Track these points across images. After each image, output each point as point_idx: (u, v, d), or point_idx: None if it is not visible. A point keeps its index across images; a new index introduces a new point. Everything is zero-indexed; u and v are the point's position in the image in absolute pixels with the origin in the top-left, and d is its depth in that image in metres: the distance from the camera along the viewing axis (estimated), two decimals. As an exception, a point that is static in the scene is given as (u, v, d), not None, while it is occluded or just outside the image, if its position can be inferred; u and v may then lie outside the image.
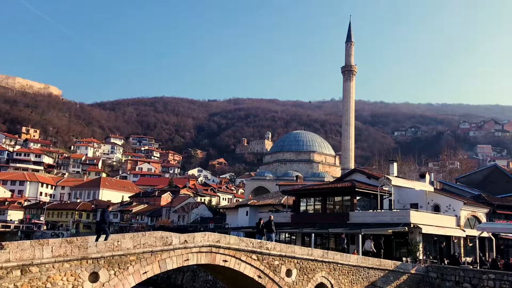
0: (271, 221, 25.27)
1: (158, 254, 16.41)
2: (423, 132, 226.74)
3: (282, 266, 19.42)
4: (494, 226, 31.82)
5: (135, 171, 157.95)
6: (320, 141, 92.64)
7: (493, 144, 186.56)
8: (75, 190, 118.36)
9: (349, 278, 21.56)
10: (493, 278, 21.68)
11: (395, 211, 33.91)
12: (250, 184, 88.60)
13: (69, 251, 14.42)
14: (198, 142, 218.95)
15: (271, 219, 25.59)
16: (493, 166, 51.14)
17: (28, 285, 13.54)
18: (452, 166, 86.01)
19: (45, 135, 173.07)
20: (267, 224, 25.02)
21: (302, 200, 40.71)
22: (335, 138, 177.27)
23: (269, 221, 25.23)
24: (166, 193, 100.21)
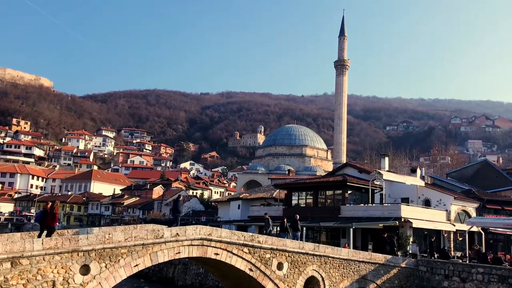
0: (297, 220, 26.10)
1: (150, 247, 16.39)
2: (415, 127, 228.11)
3: (273, 259, 19.48)
4: (483, 220, 32.12)
5: (126, 164, 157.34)
6: (313, 135, 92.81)
7: (483, 139, 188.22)
8: (66, 182, 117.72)
9: (340, 271, 21.69)
10: (482, 272, 21.92)
11: (386, 205, 34.10)
12: (242, 178, 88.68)
13: (60, 243, 14.35)
14: (190, 135, 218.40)
15: (297, 218, 26.27)
16: (484, 161, 51.60)
17: (18, 277, 13.48)
18: (443, 161, 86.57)
19: (36, 127, 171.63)
20: (293, 223, 25.90)
21: (294, 194, 40.81)
22: (327, 133, 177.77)
23: (295, 220, 26.06)
24: (158, 186, 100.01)
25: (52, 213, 16.70)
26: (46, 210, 17.09)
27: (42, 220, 16.93)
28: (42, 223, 17.00)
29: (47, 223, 16.70)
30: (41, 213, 17.39)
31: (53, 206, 16.97)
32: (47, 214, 16.81)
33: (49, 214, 16.73)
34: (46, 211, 16.97)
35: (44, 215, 17.00)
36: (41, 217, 17.09)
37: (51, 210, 16.80)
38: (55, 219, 16.81)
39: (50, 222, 16.68)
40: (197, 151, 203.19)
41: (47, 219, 16.71)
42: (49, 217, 16.69)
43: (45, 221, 16.73)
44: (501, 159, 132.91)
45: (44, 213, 17.07)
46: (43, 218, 16.88)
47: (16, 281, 13.42)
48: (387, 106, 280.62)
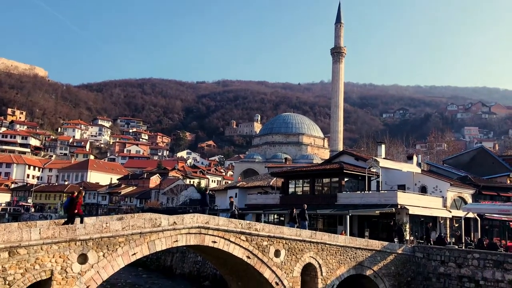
0: (304, 210, 26.47)
1: (147, 236, 16.43)
2: (411, 114, 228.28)
3: (270, 246, 19.57)
4: (479, 206, 32.32)
5: (123, 153, 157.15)
6: (309, 124, 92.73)
7: (480, 126, 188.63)
8: (63, 172, 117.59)
9: (336, 258, 21.82)
10: (478, 258, 22.10)
11: (382, 193, 34.23)
12: (239, 166, 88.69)
13: (57, 233, 14.36)
14: (187, 124, 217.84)
15: (304, 208, 26.63)
16: (480, 148, 51.76)
17: (16, 266, 13.50)
18: (440, 148, 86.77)
19: (32, 117, 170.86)
20: (301, 212, 26.23)
21: (290, 182, 40.91)
22: (324, 121, 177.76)
23: (303, 210, 26.41)
24: (155, 175, 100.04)
25: (77, 202, 17.20)
26: (73, 198, 17.53)
27: (69, 209, 17.44)
28: (69, 211, 17.50)
29: (74, 211, 17.24)
30: (68, 201, 17.84)
31: (78, 195, 17.44)
32: (73, 203, 17.28)
33: (76, 202, 17.21)
34: (73, 200, 17.41)
35: (70, 203, 17.46)
36: (68, 206, 17.59)
37: (77, 199, 17.25)
38: (79, 207, 17.36)
39: (76, 210, 17.24)
40: (193, 140, 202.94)
41: (73, 207, 17.23)
42: (76, 205, 17.22)
43: (72, 209, 17.26)
44: (497, 145, 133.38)
45: (70, 202, 17.52)
46: (70, 206, 17.38)
47: (14, 270, 13.45)
48: (383, 93, 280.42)
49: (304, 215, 26.25)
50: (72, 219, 17.08)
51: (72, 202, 17.41)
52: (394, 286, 23.78)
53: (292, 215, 26.10)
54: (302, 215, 26.22)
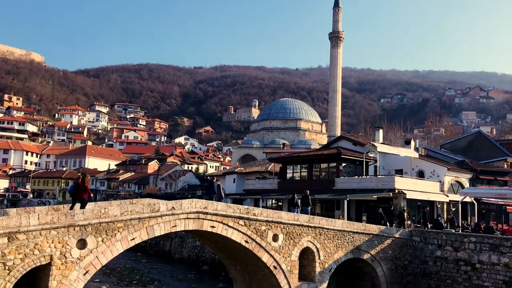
0: (307, 195, 26.50)
1: (146, 221, 16.49)
2: (409, 99, 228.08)
3: (268, 231, 19.68)
4: (476, 191, 32.48)
5: (121, 139, 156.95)
6: (307, 109, 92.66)
7: (477, 110, 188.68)
8: (61, 158, 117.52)
9: (334, 242, 21.97)
10: (474, 241, 22.29)
11: (380, 177, 34.36)
12: (237, 152, 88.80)
13: (56, 218, 14.39)
14: (185, 110, 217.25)
15: (307, 194, 26.66)
16: (477, 132, 51.82)
17: (16, 252, 13.56)
18: (437, 132, 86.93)
19: (29, 103, 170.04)
20: (304, 198, 26.27)
21: (288, 167, 41.01)
22: (321, 106, 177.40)
23: (305, 195, 26.44)
24: (153, 161, 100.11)
25: (84, 186, 17.20)
26: (78, 183, 17.52)
27: (74, 193, 17.45)
28: (74, 196, 17.54)
29: (79, 195, 17.28)
30: (73, 186, 17.81)
31: (83, 180, 17.44)
32: (79, 187, 17.30)
33: (81, 187, 17.23)
34: (78, 185, 17.41)
35: (76, 188, 17.45)
36: (73, 190, 17.58)
37: (82, 184, 17.27)
38: (86, 191, 17.31)
39: (82, 194, 17.25)
40: (191, 125, 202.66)
41: (79, 192, 17.24)
42: (81, 190, 17.21)
43: (77, 194, 17.30)
44: (495, 130, 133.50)
45: (76, 186, 17.51)
46: (75, 191, 17.38)
47: (14, 255, 13.51)
48: (381, 78, 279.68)
49: (307, 200, 26.38)
50: (82, 203, 17.22)
51: (77, 187, 17.44)
52: (391, 270, 24.01)
53: (293, 200, 26.23)
54: (305, 201, 26.32)
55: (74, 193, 17.47)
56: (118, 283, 29.26)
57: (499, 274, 20.85)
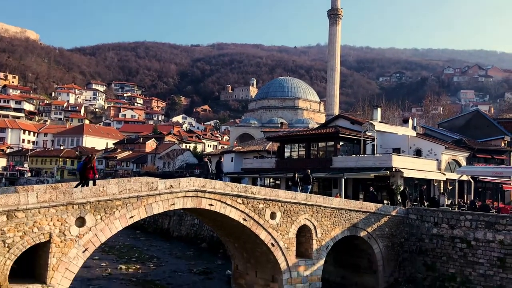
0: (308, 174, 26.65)
1: (144, 199, 16.56)
2: (408, 78, 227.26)
3: (266, 209, 19.81)
4: (473, 169, 32.65)
5: (118, 118, 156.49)
6: (305, 88, 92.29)
7: (476, 89, 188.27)
8: (58, 137, 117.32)
9: (331, 220, 22.15)
10: (470, 219, 22.49)
11: (377, 156, 34.45)
12: (235, 131, 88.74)
13: (54, 196, 14.43)
14: (182, 89, 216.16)
15: (308, 172, 26.78)
16: (475, 111, 51.82)
17: (15, 229, 13.63)
18: (435, 111, 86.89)
19: (25, 81, 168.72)
20: (304, 176, 26.47)
21: (286, 146, 41.05)
22: (320, 84, 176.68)
23: (306, 174, 26.61)
24: (151, 139, 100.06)
25: (91, 166, 17.43)
26: (86, 162, 17.77)
27: (82, 172, 17.73)
28: (81, 175, 17.82)
29: (86, 175, 17.52)
30: (81, 164, 18.10)
31: (90, 159, 17.65)
32: (86, 166, 17.54)
33: (88, 166, 17.46)
34: (86, 163, 17.65)
35: (84, 167, 17.69)
36: (81, 168, 17.86)
37: (89, 163, 17.48)
38: (93, 170, 17.59)
39: (88, 173, 17.50)
40: (188, 104, 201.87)
41: (87, 170, 17.49)
42: (88, 169, 17.46)
43: (85, 173, 17.54)
44: (493, 109, 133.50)
45: (84, 165, 17.75)
46: (83, 170, 17.64)
47: (13, 233, 13.59)
48: (380, 56, 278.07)
49: (308, 179, 26.57)
50: (87, 181, 17.46)
51: (85, 166, 17.67)
52: (388, 247, 24.27)
53: (294, 179, 26.45)
54: (306, 179, 26.51)
55: (82, 171, 17.75)
56: (117, 261, 29.56)
57: (494, 251, 21.11)
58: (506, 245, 20.71)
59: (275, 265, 20.28)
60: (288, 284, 20.38)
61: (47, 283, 14.27)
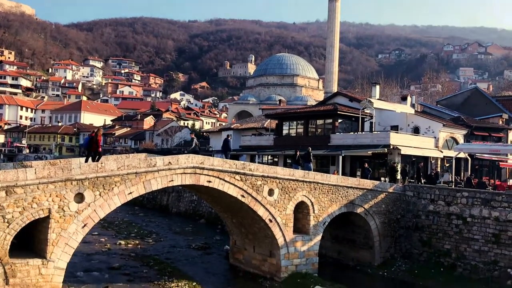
0: (309, 152, 27.07)
1: (143, 175, 16.63)
2: (407, 55, 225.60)
3: (264, 186, 19.94)
4: (470, 147, 32.75)
5: (116, 94, 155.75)
6: (304, 65, 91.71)
7: (475, 67, 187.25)
8: (56, 113, 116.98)
9: (328, 196, 22.32)
10: (466, 196, 22.68)
11: (375, 133, 34.49)
12: (233, 108, 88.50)
13: (53, 172, 14.50)
14: (180, 65, 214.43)
15: (309, 151, 27.20)
16: (474, 88, 51.67)
17: (14, 205, 13.73)
18: (434, 89, 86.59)
19: (21, 57, 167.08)
20: (305, 155, 26.93)
21: (284, 123, 41.01)
22: (319, 61, 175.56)
23: (307, 152, 27.02)
24: (149, 116, 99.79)
25: (96, 140, 17.95)
26: (92, 137, 18.30)
27: (89, 146, 18.27)
28: (88, 149, 18.36)
29: (93, 149, 18.08)
30: (88, 139, 18.62)
31: (96, 134, 18.19)
32: (92, 141, 18.08)
33: (94, 141, 18.00)
34: (92, 138, 18.20)
35: (90, 141, 18.25)
36: (87, 144, 18.42)
37: (95, 137, 18.00)
38: (99, 145, 18.13)
39: (95, 147, 18.04)
40: (186, 81, 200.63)
41: (93, 145, 18.01)
42: (94, 143, 17.99)
43: (91, 147, 18.10)
44: (491, 86, 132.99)
45: (90, 140, 18.29)
46: (90, 144, 18.19)
47: (13, 209, 13.70)
48: (379, 33, 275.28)
49: (309, 157, 26.85)
50: (94, 156, 17.97)
51: (91, 141, 18.14)
52: (384, 223, 24.54)
53: (295, 157, 26.73)
54: (307, 157, 26.79)
55: (88, 146, 18.19)
56: (116, 236, 29.83)
57: (489, 228, 21.37)
58: (501, 221, 20.95)
59: (273, 240, 20.52)
60: (286, 259, 20.67)
61: (47, 258, 14.46)
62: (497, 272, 20.41)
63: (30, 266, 14.10)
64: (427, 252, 23.39)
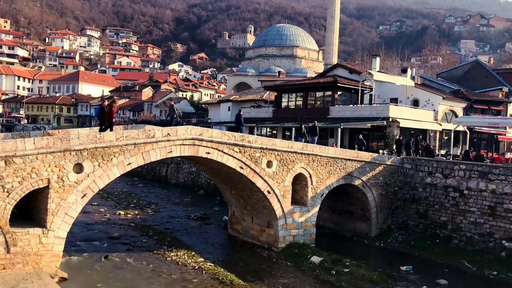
0: (315, 126, 27.44)
1: (142, 146, 16.63)
2: (408, 27, 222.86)
3: (263, 158, 19.98)
4: (469, 120, 32.74)
5: (113, 65, 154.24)
6: (304, 36, 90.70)
7: (477, 39, 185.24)
8: (54, 84, 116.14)
9: (327, 168, 22.41)
10: (464, 169, 22.80)
11: (374, 106, 34.44)
12: (232, 80, 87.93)
13: (52, 143, 14.49)
14: (178, 36, 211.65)
15: (315, 124, 27.53)
16: (474, 61, 51.22)
17: (14, 175, 13.78)
18: (435, 61, 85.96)
19: (17, 26, 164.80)
20: (311, 128, 27.22)
21: (283, 95, 40.87)
22: (319, 33, 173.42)
23: (313, 125, 27.36)
24: (147, 87, 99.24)
25: (110, 111, 18.07)
26: (103, 107, 18.36)
27: (101, 116, 18.35)
28: (101, 119, 18.44)
29: (106, 119, 18.18)
30: (99, 109, 18.70)
31: (111, 104, 18.31)
32: (104, 111, 18.14)
33: (107, 111, 18.07)
34: (103, 108, 18.26)
35: (101, 111, 18.31)
36: (99, 114, 18.52)
37: (110, 108, 18.09)
38: (112, 116, 18.28)
39: (108, 118, 18.16)
40: (185, 52, 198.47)
41: (106, 115, 18.11)
42: (107, 114, 18.07)
43: (104, 117, 18.19)
44: (492, 59, 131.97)
45: (101, 110, 18.35)
46: (101, 114, 18.28)
47: (12, 178, 13.75)
48: (381, 4, 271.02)
49: (315, 130, 27.04)
50: (107, 126, 18.11)
51: (102, 111, 18.21)
52: (381, 195, 24.74)
53: (301, 130, 26.93)
54: (313, 131, 26.95)
55: (100, 116, 18.28)
56: (116, 206, 30.08)
57: (485, 200, 21.56)
58: (497, 194, 21.13)
59: (271, 211, 20.72)
60: (283, 230, 20.92)
61: (47, 227, 14.61)
62: (491, 243, 20.71)
63: (30, 235, 14.25)
64: (424, 224, 23.68)
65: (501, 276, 18.76)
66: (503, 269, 19.06)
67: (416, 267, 19.62)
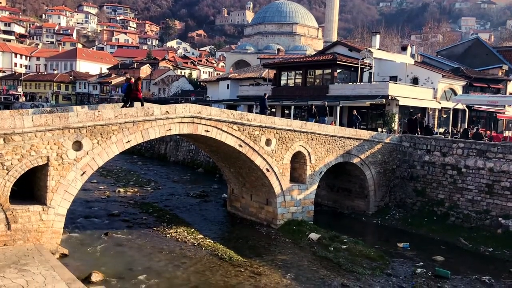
0: (325, 106, 27.60)
1: (140, 124, 16.62)
2: (409, 3, 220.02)
3: (262, 136, 20.00)
4: (469, 98, 32.69)
5: (111, 42, 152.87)
6: (304, 13, 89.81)
7: (478, 16, 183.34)
8: (51, 61, 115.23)
9: (325, 147, 22.46)
10: (462, 147, 22.86)
11: (374, 84, 34.29)
12: (230, 58, 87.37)
13: (50, 120, 14.46)
14: (176, 12, 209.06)
15: (325, 105, 27.66)
16: (475, 39, 50.80)
17: (13, 153, 13.79)
18: (435, 39, 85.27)
19: (13, 2, 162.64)
20: (321, 108, 27.30)
21: (283, 73, 40.64)
22: (318, 10, 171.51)
23: (323, 106, 27.47)
24: (145, 65, 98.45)
25: (136, 88, 18.58)
26: (130, 84, 18.81)
27: (127, 93, 18.82)
28: (127, 95, 18.89)
29: (134, 96, 18.69)
30: (126, 86, 19.08)
31: (137, 82, 18.80)
32: (130, 88, 18.65)
33: (134, 89, 18.58)
34: (130, 85, 18.72)
35: (128, 88, 18.78)
36: (126, 90, 18.97)
37: (136, 86, 18.58)
38: (140, 91, 18.89)
39: (135, 95, 18.69)
40: (183, 29, 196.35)
41: (133, 92, 18.62)
42: (134, 91, 18.59)
43: (131, 94, 18.66)
44: (493, 37, 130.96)
45: (128, 87, 18.81)
46: (128, 91, 18.75)
47: (11, 156, 13.77)
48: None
49: (325, 110, 27.17)
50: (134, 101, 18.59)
51: (129, 87, 18.66)
52: (380, 173, 24.87)
53: (311, 111, 27.04)
54: (322, 111, 27.03)
55: (127, 92, 18.75)
56: (115, 184, 30.22)
57: (483, 178, 21.68)
58: (495, 172, 21.24)
59: (270, 189, 20.85)
60: (282, 207, 21.09)
61: (47, 204, 14.70)
62: (488, 221, 20.92)
63: (31, 212, 14.35)
64: (421, 202, 23.87)
65: (497, 252, 19.02)
66: (499, 246, 19.32)
67: (413, 244, 19.86)
